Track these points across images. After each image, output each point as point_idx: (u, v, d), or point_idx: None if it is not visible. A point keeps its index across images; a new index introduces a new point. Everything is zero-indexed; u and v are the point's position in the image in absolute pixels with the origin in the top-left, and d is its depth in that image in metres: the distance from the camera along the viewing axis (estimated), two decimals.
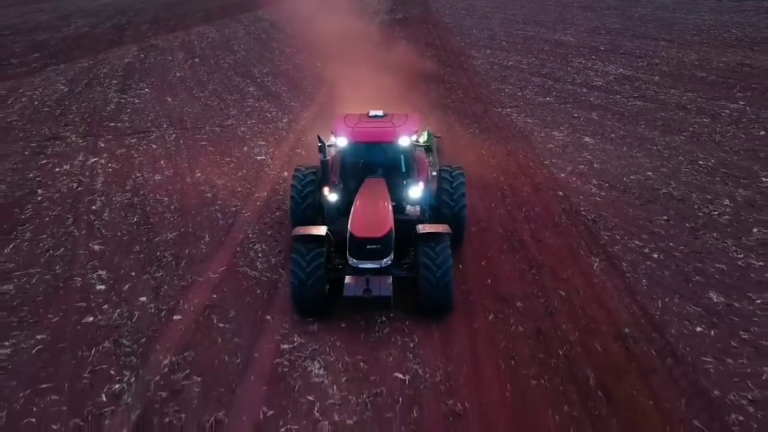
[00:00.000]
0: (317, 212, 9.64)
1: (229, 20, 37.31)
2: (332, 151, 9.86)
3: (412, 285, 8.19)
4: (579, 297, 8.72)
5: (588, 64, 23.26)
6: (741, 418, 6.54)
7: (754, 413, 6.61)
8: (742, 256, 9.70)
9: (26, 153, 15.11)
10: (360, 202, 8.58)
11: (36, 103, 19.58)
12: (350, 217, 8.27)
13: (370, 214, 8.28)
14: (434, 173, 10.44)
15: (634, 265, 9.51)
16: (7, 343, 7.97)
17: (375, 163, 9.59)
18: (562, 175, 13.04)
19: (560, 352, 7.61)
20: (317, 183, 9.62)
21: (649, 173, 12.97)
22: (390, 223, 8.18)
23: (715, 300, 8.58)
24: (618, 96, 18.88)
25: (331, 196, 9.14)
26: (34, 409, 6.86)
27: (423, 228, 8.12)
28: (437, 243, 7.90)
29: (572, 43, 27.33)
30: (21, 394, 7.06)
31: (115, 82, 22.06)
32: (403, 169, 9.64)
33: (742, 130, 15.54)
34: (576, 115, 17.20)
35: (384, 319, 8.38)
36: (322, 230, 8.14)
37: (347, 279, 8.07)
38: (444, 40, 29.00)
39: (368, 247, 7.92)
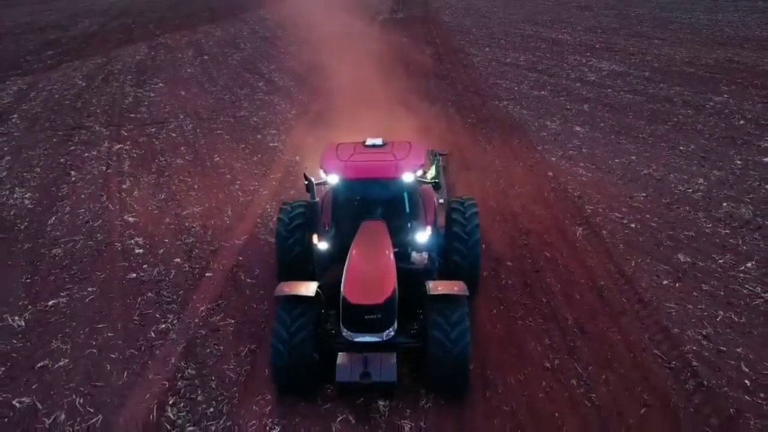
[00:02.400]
0: (308, 256, 8.38)
1: (234, 20, 38.79)
2: (322, 190, 8.60)
3: (420, 357, 6.94)
4: (562, 258, 10.09)
5: (583, 60, 24.70)
6: (695, 348, 7.89)
7: (706, 345, 7.95)
8: (710, 225, 11.08)
9: (54, 140, 16.52)
10: (355, 254, 7.24)
11: (57, 96, 21.01)
12: (343, 275, 6.90)
13: (368, 273, 6.94)
14: (440, 201, 9.51)
15: (613, 232, 10.88)
16: (63, 294, 9.34)
17: (373, 202, 8.24)
18: (553, 159, 14.43)
19: (543, 300, 8.97)
20: (306, 220, 8.41)
21: (633, 157, 14.36)
22: (392, 283, 6.84)
23: (682, 260, 9.95)
24: (609, 90, 20.30)
25: (322, 245, 7.96)
26: (94, 342, 8.21)
27: (434, 288, 6.83)
28: (452, 310, 6.64)
29: (569, 42, 28.79)
30: (81, 332, 8.43)
31: (129, 77, 23.51)
32: (407, 210, 8.35)
33: (723, 120, 16.94)
34: (569, 107, 18.61)
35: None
36: (311, 288, 6.81)
37: (340, 358, 6.71)
38: (444, 38, 30.47)
39: (366, 316, 6.59)
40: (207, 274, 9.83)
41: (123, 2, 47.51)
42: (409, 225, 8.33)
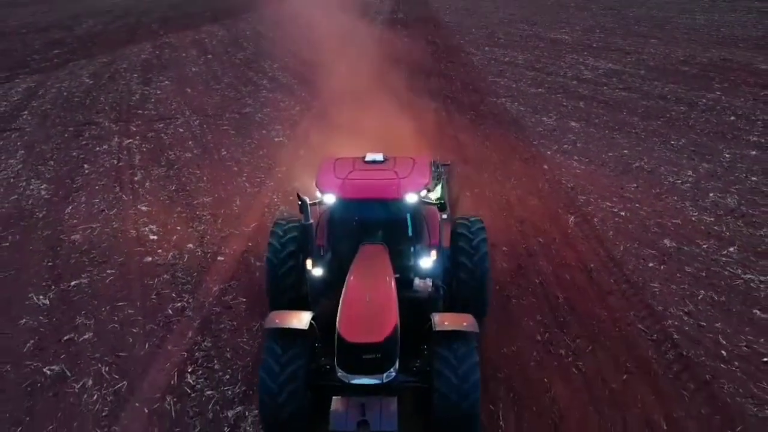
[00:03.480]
0: (302, 281, 7.81)
1: (235, 20, 39.55)
2: (318, 211, 7.90)
3: (424, 397, 6.34)
4: (555, 243, 10.74)
5: (580, 59, 25.41)
6: (676, 323, 8.53)
7: (687, 320, 8.60)
8: (696, 213, 11.74)
9: (66, 136, 17.19)
10: (353, 283, 6.65)
11: (65, 93, 21.70)
12: (339, 307, 6.27)
13: (367, 306, 6.30)
14: (444, 216, 8.81)
15: (603, 220, 11.54)
16: (83, 275, 9.99)
17: (373, 224, 7.66)
18: (548, 153, 15.09)
19: (536, 281, 9.62)
20: (300, 243, 7.86)
21: (625, 151, 15.03)
22: (394, 317, 6.21)
23: (668, 245, 10.60)
24: (605, 87, 21.00)
25: (317, 271, 7.43)
26: (116, 318, 8.86)
27: (440, 322, 6.24)
28: (460, 352, 6.05)
29: (567, 41, 29.54)
30: (103, 309, 9.08)
31: (135, 75, 24.21)
32: (410, 233, 7.76)
33: (714, 116, 17.63)
34: (565, 104, 19.30)
35: None
36: (304, 320, 6.24)
37: (334, 404, 6.08)
38: (444, 38, 31.20)
39: (364, 356, 5.94)
40: (219, 258, 10.48)
41: (125, 2, 48.30)
42: (412, 249, 7.73)
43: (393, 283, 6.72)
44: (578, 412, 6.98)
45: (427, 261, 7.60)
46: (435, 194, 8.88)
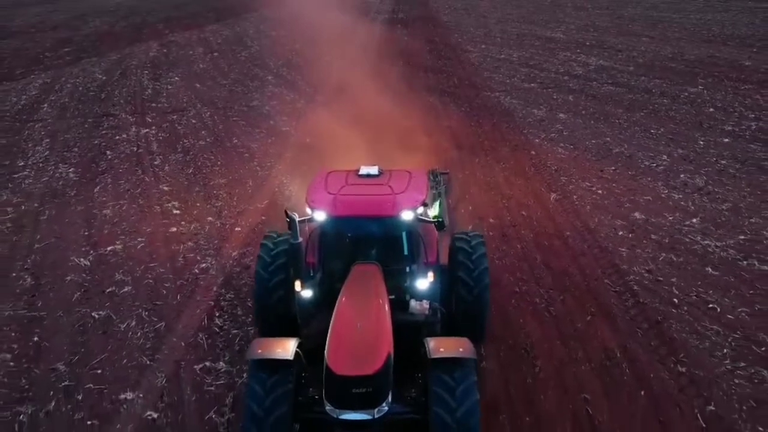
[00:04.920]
0: (292, 298, 7.46)
1: (238, 19, 41.18)
2: (308, 228, 7.63)
3: (418, 429, 5.96)
4: (537, 216, 12.24)
5: (572, 56, 26.97)
6: (638, 278, 10.00)
7: (648, 276, 10.08)
8: (666, 191, 13.23)
9: (86, 126, 18.72)
10: (344, 307, 6.39)
11: (80, 88, 23.26)
12: (328, 335, 5.99)
13: (358, 335, 6.00)
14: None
15: (582, 197, 13.04)
16: (117, 243, 11.49)
17: (367, 242, 7.51)
18: (536, 140, 16.61)
19: (518, 246, 11.11)
20: (289, 262, 7.52)
21: (608, 139, 16.55)
22: (387, 346, 5.93)
23: (638, 217, 12.09)
24: (594, 82, 22.53)
25: (306, 292, 7.19)
26: (150, 276, 10.36)
27: (436, 349, 5.95)
28: (457, 380, 5.76)
29: (561, 39, 31.09)
30: (137, 269, 10.57)
31: (146, 72, 25.78)
32: (406, 252, 7.59)
33: (694, 107, 19.15)
34: (555, 97, 20.82)
35: None
36: (289, 349, 5.94)
37: None
38: (443, 36, 32.79)
39: (354, 390, 5.60)
40: (236, 229, 11.98)
41: (129, 2, 49.96)
42: (408, 269, 7.55)
43: (387, 307, 6.46)
44: (547, 344, 8.45)
45: (424, 282, 7.38)
46: (433, 211, 8.78)
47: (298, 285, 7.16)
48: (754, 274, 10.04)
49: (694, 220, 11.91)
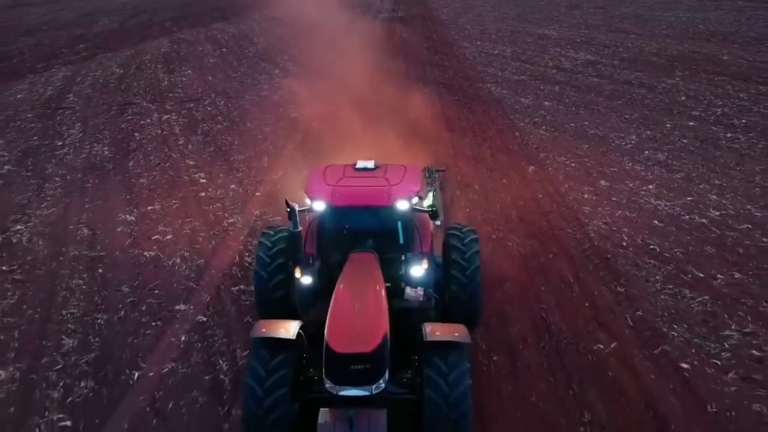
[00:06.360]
0: (291, 294, 8.16)
1: (243, 18, 43.66)
2: (307, 218, 8.30)
3: (414, 411, 6.49)
4: (515, 183, 14.58)
5: (562, 52, 29.42)
6: (596, 229, 12.31)
7: (604, 227, 12.38)
8: (630, 164, 15.58)
9: (112, 113, 21.12)
10: (342, 292, 6.94)
11: (101, 81, 25.69)
12: (328, 317, 6.52)
13: (356, 316, 6.52)
14: (437, 222, 9.35)
15: (556, 169, 15.39)
16: (155, 204, 13.83)
17: (363, 232, 8.07)
18: (521, 124, 18.98)
19: (497, 206, 13.43)
20: (289, 250, 8.14)
21: (586, 123, 18.92)
22: (384, 327, 6.46)
23: (603, 184, 14.44)
24: (580, 75, 24.95)
25: (305, 279, 7.72)
26: (187, 228, 12.68)
27: (431, 333, 6.47)
28: (451, 363, 6.26)
29: (553, 36, 33.57)
30: (179, 222, 12.90)
31: (160, 66, 28.22)
32: (401, 241, 8.17)
33: (668, 97, 21.54)
34: (542, 88, 23.22)
35: None
36: (291, 329, 6.49)
37: (321, 417, 6.23)
38: (440, 34, 35.28)
39: (352, 367, 6.10)
40: (257, 194, 14.32)
41: (134, 2, 52.51)
42: (403, 258, 8.06)
43: (383, 292, 6.97)
44: (514, 274, 10.74)
45: (419, 270, 7.83)
46: (427, 201, 9.38)
47: (298, 272, 7.78)
48: (693, 225, 12.38)
49: (651, 186, 14.25)
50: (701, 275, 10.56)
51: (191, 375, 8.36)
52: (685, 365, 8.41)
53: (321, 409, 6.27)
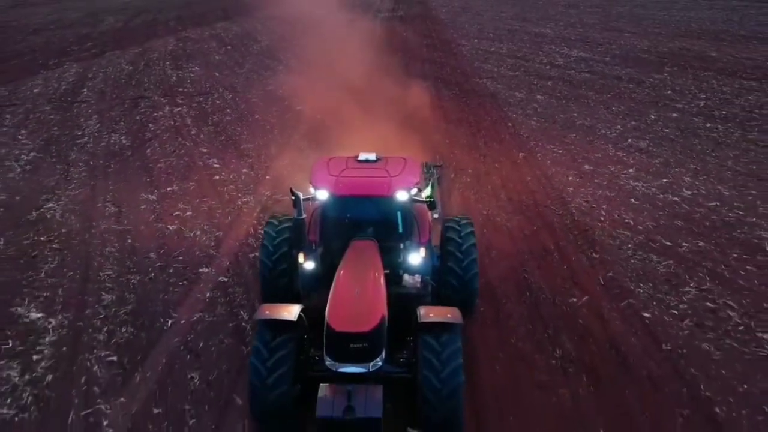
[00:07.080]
0: (295, 276, 8.66)
1: (246, 17, 45.13)
2: (311, 207, 8.85)
3: (410, 390, 6.99)
4: (505, 168, 16.01)
5: (557, 49, 30.90)
6: (577, 206, 13.73)
7: (585, 204, 13.81)
8: (614, 151, 17.02)
9: (125, 106, 22.56)
10: (343, 276, 7.44)
11: (112, 77, 27.14)
12: (329, 299, 7.06)
13: (355, 298, 7.05)
14: (435, 215, 9.88)
15: (544, 155, 16.83)
16: (174, 185, 15.26)
17: (364, 221, 8.56)
18: (514, 115, 20.43)
19: (488, 187, 14.87)
20: (293, 237, 8.59)
21: (575, 114, 20.37)
22: (381, 309, 6.98)
23: (587, 168, 15.87)
24: (572, 71, 26.41)
25: (308, 264, 8.25)
26: (204, 206, 14.10)
27: (426, 314, 7.02)
28: (444, 343, 6.74)
29: (549, 35, 35.06)
30: (193, 200, 14.33)
31: (168, 63, 29.69)
32: (400, 230, 8.67)
33: (655, 90, 23.00)
34: (535, 83, 24.68)
35: None
36: (293, 312, 6.98)
37: (321, 391, 6.62)
38: (439, 32, 36.77)
39: (351, 345, 6.65)
40: (267, 177, 15.74)
41: (138, 2, 54.04)
42: (401, 246, 8.54)
43: (382, 278, 7.51)
44: (500, 244, 12.16)
45: (416, 258, 8.41)
46: (426, 193, 9.93)
47: (301, 258, 8.36)
48: (666, 202, 13.82)
49: (631, 170, 15.68)
50: (669, 243, 12.00)
51: (217, 322, 9.78)
52: (646, 314, 9.84)
53: (321, 384, 6.70)
